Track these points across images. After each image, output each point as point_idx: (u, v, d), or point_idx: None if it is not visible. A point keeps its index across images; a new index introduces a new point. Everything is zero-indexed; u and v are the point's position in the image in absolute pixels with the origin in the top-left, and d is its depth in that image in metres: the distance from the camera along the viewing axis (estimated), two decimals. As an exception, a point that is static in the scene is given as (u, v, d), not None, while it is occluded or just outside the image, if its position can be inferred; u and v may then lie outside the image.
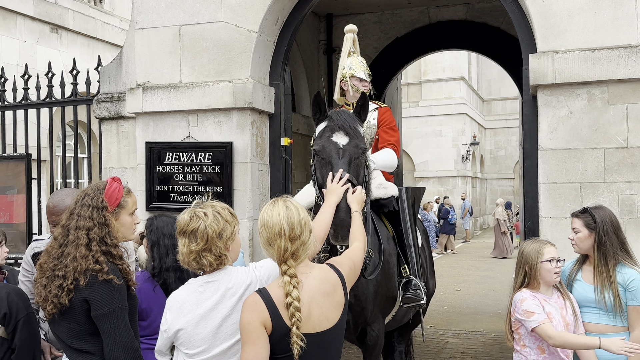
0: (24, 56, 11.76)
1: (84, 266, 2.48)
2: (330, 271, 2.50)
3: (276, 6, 5.26)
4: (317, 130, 3.64)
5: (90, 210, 2.58)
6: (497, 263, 17.31)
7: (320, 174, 3.46)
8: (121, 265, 2.59)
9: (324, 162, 3.43)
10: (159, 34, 5.46)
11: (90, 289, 2.47)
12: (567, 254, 4.35)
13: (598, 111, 4.34)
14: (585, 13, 4.39)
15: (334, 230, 3.10)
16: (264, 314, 2.29)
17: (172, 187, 5.36)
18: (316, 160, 3.51)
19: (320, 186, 3.42)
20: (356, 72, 4.61)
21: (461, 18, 8.55)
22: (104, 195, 2.63)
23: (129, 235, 2.77)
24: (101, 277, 2.48)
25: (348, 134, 3.49)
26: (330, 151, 3.42)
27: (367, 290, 3.84)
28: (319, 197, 3.42)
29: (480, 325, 8.77)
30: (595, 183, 4.31)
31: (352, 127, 3.52)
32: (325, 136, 3.51)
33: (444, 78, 27.22)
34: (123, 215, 2.71)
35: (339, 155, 3.40)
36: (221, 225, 2.48)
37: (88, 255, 2.50)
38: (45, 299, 2.51)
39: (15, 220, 6.37)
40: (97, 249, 2.53)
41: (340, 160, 3.36)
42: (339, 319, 2.43)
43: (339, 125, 3.51)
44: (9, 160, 6.45)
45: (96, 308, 2.46)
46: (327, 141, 3.47)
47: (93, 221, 2.56)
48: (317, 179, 3.50)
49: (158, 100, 5.38)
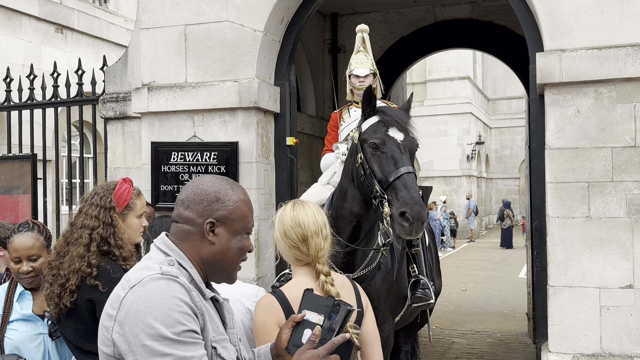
0: (29, 56, 11.78)
1: (77, 266, 2.47)
2: (344, 277, 2.48)
3: (281, 5, 5.25)
4: (366, 124, 3.62)
5: (98, 209, 2.57)
6: (502, 263, 17.27)
7: (379, 168, 3.43)
8: (125, 265, 2.57)
9: (384, 157, 3.43)
10: (164, 34, 5.46)
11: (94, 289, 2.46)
12: (575, 253, 4.34)
13: (605, 110, 4.31)
14: (592, 11, 4.36)
15: (409, 223, 3.13)
16: (279, 314, 2.26)
17: (178, 187, 5.36)
18: (373, 153, 3.47)
19: (379, 180, 3.39)
20: (353, 69, 4.65)
21: (467, 17, 8.52)
22: (113, 196, 2.62)
23: (135, 238, 2.75)
24: (88, 282, 2.46)
25: (404, 129, 3.53)
26: (392, 146, 3.44)
27: (380, 290, 3.83)
28: (377, 191, 3.38)
29: (486, 326, 8.75)
30: (603, 182, 4.28)
31: (406, 123, 3.56)
32: (381, 131, 3.50)
33: (449, 77, 27.19)
34: (131, 217, 2.70)
35: (401, 150, 3.43)
36: None
37: (84, 256, 2.49)
38: (49, 298, 2.50)
39: (21, 220, 6.36)
40: (95, 250, 2.51)
41: (404, 155, 3.41)
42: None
43: (395, 120, 3.53)
44: (15, 160, 6.45)
45: (101, 308, 2.44)
46: (386, 136, 3.48)
47: (98, 221, 2.55)
48: (374, 173, 3.45)
49: (163, 100, 5.38)
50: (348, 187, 3.76)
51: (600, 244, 4.25)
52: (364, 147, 3.54)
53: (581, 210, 4.30)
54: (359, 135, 3.61)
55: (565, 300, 4.29)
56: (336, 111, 4.99)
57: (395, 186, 3.29)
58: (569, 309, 4.27)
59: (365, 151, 3.52)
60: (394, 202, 3.26)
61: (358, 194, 3.66)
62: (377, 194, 3.36)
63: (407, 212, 3.17)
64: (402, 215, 3.19)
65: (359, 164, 3.54)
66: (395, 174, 3.31)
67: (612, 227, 4.24)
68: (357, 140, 3.61)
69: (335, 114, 4.95)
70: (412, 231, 3.17)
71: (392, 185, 3.30)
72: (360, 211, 3.67)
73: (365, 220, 3.73)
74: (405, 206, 3.19)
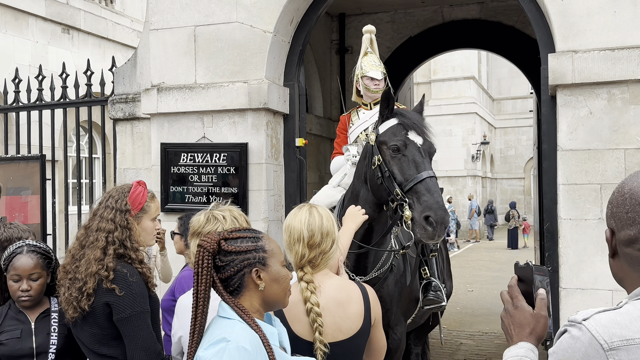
0: (35, 57, 11.81)
1: (94, 270, 2.46)
2: (352, 283, 2.43)
3: (291, 6, 5.24)
4: (384, 127, 3.61)
5: (113, 212, 2.56)
6: (508, 264, 17.22)
7: (399, 171, 3.42)
8: (141, 268, 2.56)
9: (405, 160, 3.42)
10: (173, 35, 5.45)
11: (111, 292, 2.45)
12: (587, 256, 4.31)
13: (618, 111, 4.28)
14: (604, 12, 4.33)
15: (432, 228, 3.15)
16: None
17: (187, 188, 5.35)
18: (393, 156, 3.47)
19: (399, 183, 3.38)
20: (367, 71, 4.63)
21: (475, 17, 8.49)
22: (128, 199, 2.61)
23: (149, 241, 2.74)
24: (105, 285, 2.45)
25: (423, 132, 3.53)
26: (413, 149, 3.44)
27: (392, 292, 3.82)
28: (398, 194, 3.37)
29: (493, 327, 8.72)
30: (616, 184, 4.23)
31: (425, 127, 3.57)
32: (401, 134, 3.50)
33: (454, 77, 27.15)
34: (145, 220, 2.69)
35: (421, 154, 3.44)
36: None
37: (102, 260, 2.48)
38: (67, 302, 2.49)
39: (30, 220, 6.37)
40: (112, 254, 2.50)
41: (425, 159, 3.42)
42: (356, 333, 2.31)
43: (414, 123, 3.54)
44: (23, 161, 6.45)
45: (118, 312, 2.44)
46: (406, 139, 3.48)
47: (115, 224, 2.53)
48: (394, 176, 3.43)
49: (173, 101, 5.37)
50: (360, 189, 3.74)
51: (613, 246, 4.22)
52: (382, 149, 3.52)
53: (594, 212, 4.28)
54: (376, 137, 3.59)
55: (578, 302, 4.27)
56: (345, 114, 4.98)
57: (417, 190, 3.27)
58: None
59: (384, 154, 3.50)
60: (415, 206, 3.24)
61: (371, 196, 3.64)
62: (398, 197, 3.34)
63: (432, 216, 3.17)
64: (426, 219, 3.18)
65: (376, 166, 3.51)
66: (418, 178, 3.30)
67: (624, 229, 4.20)
68: (374, 142, 3.59)
69: (344, 116, 4.94)
70: (435, 235, 3.18)
71: (414, 189, 3.28)
72: (373, 214, 3.65)
73: (377, 222, 3.71)
74: (429, 210, 3.18)
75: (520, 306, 1.59)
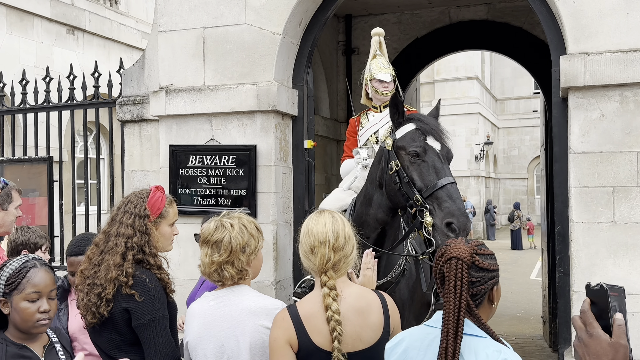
0: (41, 57, 11.80)
1: (114, 275, 2.44)
2: (371, 292, 2.42)
3: (300, 8, 5.22)
4: (402, 132, 3.58)
5: (133, 217, 2.55)
6: (513, 264, 17.20)
7: (419, 177, 3.40)
8: (160, 274, 2.55)
9: (425, 165, 3.41)
10: (182, 37, 5.44)
11: (130, 298, 2.43)
12: (600, 259, 4.29)
13: (631, 114, 4.26)
14: (617, 14, 4.31)
15: (455, 234, 3.16)
16: (289, 330, 2.23)
17: (196, 190, 5.34)
18: (413, 162, 3.45)
19: (419, 189, 3.37)
20: (376, 74, 4.62)
21: (482, 18, 8.45)
22: (147, 204, 2.59)
23: (167, 246, 2.73)
24: (124, 291, 2.44)
25: (441, 138, 3.52)
26: (432, 155, 3.43)
27: (404, 297, 3.81)
28: (418, 199, 3.35)
29: (500, 328, 8.69)
30: (628, 187, 4.23)
31: (443, 132, 3.56)
32: (420, 139, 3.48)
33: (457, 77, 27.10)
34: (163, 226, 2.67)
35: (441, 160, 3.43)
36: (246, 238, 2.43)
37: (122, 265, 2.46)
38: (86, 308, 2.47)
39: (37, 222, 6.36)
40: (131, 259, 2.48)
41: (444, 165, 3.41)
42: (376, 343, 2.29)
43: (432, 129, 3.52)
44: (30, 162, 6.45)
45: (137, 317, 2.43)
46: (425, 144, 3.46)
47: (134, 229, 2.52)
48: (413, 182, 3.41)
49: (181, 103, 5.36)
50: (374, 193, 3.72)
51: (626, 249, 4.20)
52: (400, 154, 3.50)
53: (606, 215, 4.26)
54: (394, 142, 3.57)
55: (590, 306, 4.24)
56: (354, 117, 4.97)
57: (438, 196, 3.25)
58: (593, 315, 4.22)
59: (403, 159, 3.48)
60: (436, 212, 3.23)
61: (385, 200, 3.62)
62: (418, 203, 3.32)
63: (454, 222, 3.16)
64: (448, 226, 3.17)
65: (393, 171, 3.49)
66: (439, 184, 3.28)
67: (637, 233, 4.19)
68: (391, 147, 3.57)
69: (354, 119, 4.92)
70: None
71: (435, 195, 3.27)
72: (386, 218, 3.63)
73: (390, 227, 3.69)
74: (451, 217, 3.17)
75: (596, 334, 1.41)
